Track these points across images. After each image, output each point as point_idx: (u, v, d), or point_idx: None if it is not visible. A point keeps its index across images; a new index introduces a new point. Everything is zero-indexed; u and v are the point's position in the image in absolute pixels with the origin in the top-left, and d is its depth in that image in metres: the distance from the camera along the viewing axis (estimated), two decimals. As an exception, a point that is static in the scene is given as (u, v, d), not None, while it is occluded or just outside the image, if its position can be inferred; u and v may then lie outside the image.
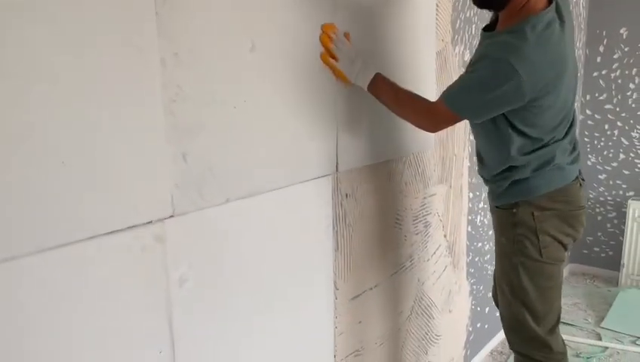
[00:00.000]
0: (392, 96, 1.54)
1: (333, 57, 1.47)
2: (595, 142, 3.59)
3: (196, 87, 1.13)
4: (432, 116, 1.51)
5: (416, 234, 2.00)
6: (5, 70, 0.84)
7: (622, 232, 3.54)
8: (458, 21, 2.08)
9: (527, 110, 1.44)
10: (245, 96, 1.24)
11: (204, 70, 1.14)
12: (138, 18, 1.01)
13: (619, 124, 3.50)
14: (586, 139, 3.61)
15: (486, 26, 1.59)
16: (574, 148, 1.65)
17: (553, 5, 1.43)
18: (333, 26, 1.47)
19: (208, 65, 1.15)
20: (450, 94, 1.46)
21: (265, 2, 1.26)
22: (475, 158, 1.88)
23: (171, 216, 1.11)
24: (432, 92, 1.96)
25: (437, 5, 1.93)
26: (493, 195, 1.70)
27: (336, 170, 1.55)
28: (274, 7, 1.28)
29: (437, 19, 1.94)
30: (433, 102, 1.52)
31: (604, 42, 3.46)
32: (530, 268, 1.62)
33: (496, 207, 1.69)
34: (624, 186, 3.54)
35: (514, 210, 1.60)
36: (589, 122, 3.58)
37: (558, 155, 1.57)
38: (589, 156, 3.61)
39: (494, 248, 1.75)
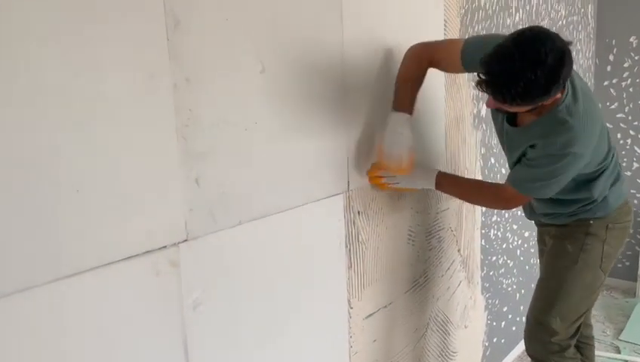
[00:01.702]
0: (459, 191, 1.73)
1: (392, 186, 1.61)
2: (608, 151, 3.56)
3: (208, 110, 1.13)
4: (505, 201, 1.65)
5: (430, 249, 1.98)
6: (18, 97, 0.85)
7: (638, 242, 3.49)
8: (465, 18, 2.08)
9: (591, 156, 1.54)
10: (256, 118, 1.24)
11: (216, 94, 1.15)
12: (150, 44, 1.02)
13: (631, 132, 3.46)
14: (598, 148, 3.57)
15: (508, 119, 1.61)
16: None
17: (568, 85, 1.43)
18: (375, 168, 1.59)
19: (219, 88, 1.15)
20: (523, 185, 1.55)
21: (274, 24, 1.27)
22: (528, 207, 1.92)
23: (185, 241, 1.11)
24: (441, 96, 1.95)
25: (445, 6, 1.93)
26: (565, 216, 1.75)
27: (348, 188, 1.55)
28: (283, 28, 1.29)
29: (445, 19, 1.93)
30: (502, 188, 1.62)
31: (614, 51, 3.44)
32: (586, 276, 1.72)
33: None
34: (639, 196, 3.50)
35: (590, 222, 1.71)
36: (601, 131, 3.55)
37: (619, 167, 1.73)
38: (602, 165, 3.57)
39: (547, 254, 1.84)
